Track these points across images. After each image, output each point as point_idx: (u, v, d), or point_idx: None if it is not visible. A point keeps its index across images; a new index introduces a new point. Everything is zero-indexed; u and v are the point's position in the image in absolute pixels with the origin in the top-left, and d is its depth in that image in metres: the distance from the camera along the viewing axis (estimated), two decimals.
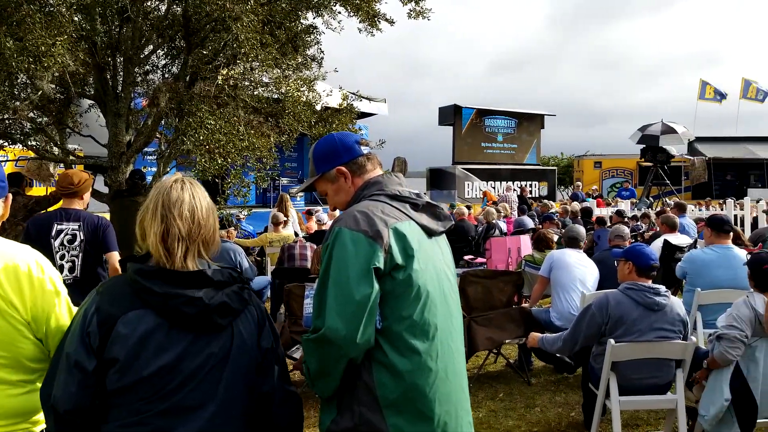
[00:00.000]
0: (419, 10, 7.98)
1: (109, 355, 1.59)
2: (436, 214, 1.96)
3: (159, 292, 1.61)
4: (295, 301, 4.91)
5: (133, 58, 6.94)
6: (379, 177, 1.97)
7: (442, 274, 1.92)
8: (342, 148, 2.00)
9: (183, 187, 1.74)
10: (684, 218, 9.31)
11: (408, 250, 1.78)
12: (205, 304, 1.64)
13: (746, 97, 28.75)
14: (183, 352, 1.63)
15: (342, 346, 1.70)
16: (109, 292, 1.67)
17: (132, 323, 1.59)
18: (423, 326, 1.79)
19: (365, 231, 1.74)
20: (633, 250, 3.83)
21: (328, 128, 8.09)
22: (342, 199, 2.01)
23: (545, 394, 5.04)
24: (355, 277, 1.70)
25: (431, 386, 1.79)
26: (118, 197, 6.86)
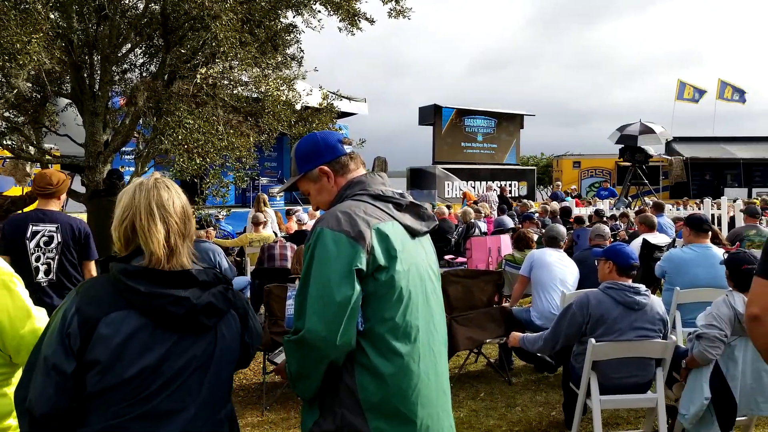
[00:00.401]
0: (399, 9, 7.96)
1: (90, 356, 1.55)
2: (420, 214, 1.95)
3: (144, 291, 1.59)
4: (276, 302, 4.87)
5: (110, 57, 6.83)
6: (362, 176, 1.96)
7: (425, 274, 1.90)
8: (324, 147, 1.97)
9: (168, 185, 1.75)
10: (662, 218, 9.41)
11: (391, 251, 1.77)
12: (193, 304, 1.62)
13: (722, 97, 29.23)
14: (166, 353, 1.61)
15: (322, 348, 1.69)
16: (89, 292, 1.63)
17: (115, 324, 1.56)
18: (405, 328, 1.78)
19: (347, 231, 1.72)
20: (613, 249, 3.85)
21: (308, 128, 8.04)
22: (325, 198, 1.99)
23: (526, 394, 5.05)
24: (336, 278, 1.69)
25: (413, 389, 1.78)
26: (95, 197, 6.75)
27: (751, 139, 29.07)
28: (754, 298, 2.27)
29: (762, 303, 2.23)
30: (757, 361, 3.52)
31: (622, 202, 17.13)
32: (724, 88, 28.99)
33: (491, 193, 17.58)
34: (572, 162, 29.49)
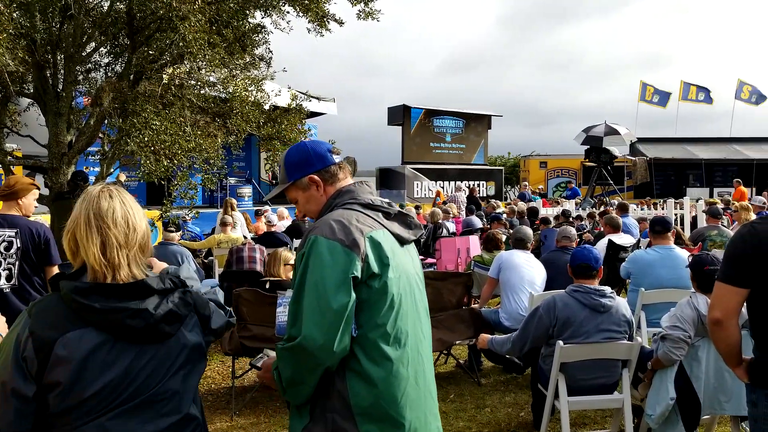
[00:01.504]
0: (368, 11, 7.95)
1: (49, 378, 1.51)
2: (407, 222, 2.00)
3: (99, 308, 1.55)
4: (245, 306, 4.83)
5: (74, 56, 6.69)
6: (351, 186, 1.99)
7: (413, 281, 1.95)
8: (315, 156, 2.00)
9: (111, 195, 1.70)
10: (627, 218, 9.60)
11: (383, 259, 1.81)
12: (152, 314, 1.59)
13: (686, 98, 29.91)
14: (129, 366, 1.58)
15: (318, 355, 1.71)
16: (42, 314, 1.57)
17: (72, 344, 1.52)
18: (396, 334, 1.82)
19: (341, 240, 1.75)
20: (571, 253, 3.92)
21: (277, 128, 7.99)
22: (313, 207, 2.02)
23: (495, 395, 5.10)
24: (332, 286, 1.71)
25: (403, 393, 1.82)
26: (59, 199, 6.60)
27: (712, 140, 29.80)
28: (716, 303, 2.34)
29: (723, 307, 2.31)
30: (720, 361, 3.60)
31: (588, 202, 17.41)
32: (688, 89, 29.66)
33: (460, 194, 17.71)
34: (539, 162, 29.85)
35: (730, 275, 2.29)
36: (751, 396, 2.33)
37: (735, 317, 2.29)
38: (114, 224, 1.64)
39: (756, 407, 2.28)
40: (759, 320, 2.29)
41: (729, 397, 3.60)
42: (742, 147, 28.56)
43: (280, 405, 4.81)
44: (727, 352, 2.38)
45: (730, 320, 2.28)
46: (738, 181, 18.93)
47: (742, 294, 2.27)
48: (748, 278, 2.24)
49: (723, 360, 2.46)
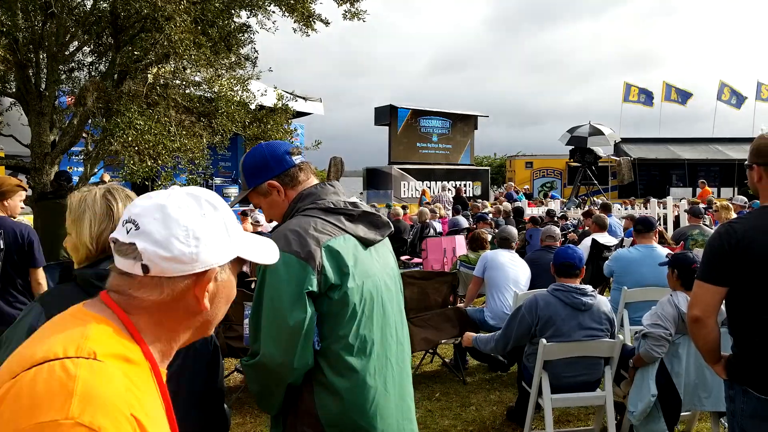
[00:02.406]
0: (354, 12, 7.98)
1: None
2: (374, 222, 1.90)
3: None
4: (231, 307, 4.82)
5: (57, 56, 6.64)
6: (312, 188, 1.90)
7: (381, 285, 1.87)
8: (272, 160, 1.90)
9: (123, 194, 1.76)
10: (611, 218, 9.68)
11: (343, 268, 1.74)
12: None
13: (668, 99, 30.22)
14: None
15: (279, 372, 1.69)
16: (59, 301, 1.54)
17: None
18: (360, 344, 1.77)
19: (297, 252, 1.69)
20: (555, 252, 3.96)
21: (262, 128, 7.98)
22: (276, 212, 1.95)
23: (480, 393, 5.13)
24: (288, 302, 1.66)
25: (371, 402, 1.78)
26: (42, 199, 6.55)
27: (694, 140, 30.12)
28: (695, 301, 2.37)
29: (702, 305, 2.34)
30: (700, 358, 3.65)
31: (573, 202, 17.53)
32: (669, 90, 29.99)
33: (446, 193, 17.75)
34: (524, 162, 30.03)
35: (709, 274, 2.31)
36: (729, 392, 2.36)
37: (714, 315, 2.31)
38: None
39: (734, 402, 2.32)
40: (737, 318, 2.33)
41: (709, 393, 3.66)
42: (724, 147, 28.90)
43: None
44: (706, 350, 2.41)
45: (709, 318, 2.31)
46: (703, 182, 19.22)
47: (720, 292, 2.30)
48: (727, 276, 2.27)
49: (702, 357, 2.50)
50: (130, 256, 0.97)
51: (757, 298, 2.23)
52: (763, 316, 2.22)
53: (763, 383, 2.20)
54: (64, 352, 0.87)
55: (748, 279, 2.24)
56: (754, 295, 2.24)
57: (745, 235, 2.25)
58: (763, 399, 2.19)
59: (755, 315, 2.24)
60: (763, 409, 2.20)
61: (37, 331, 1.02)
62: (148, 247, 0.96)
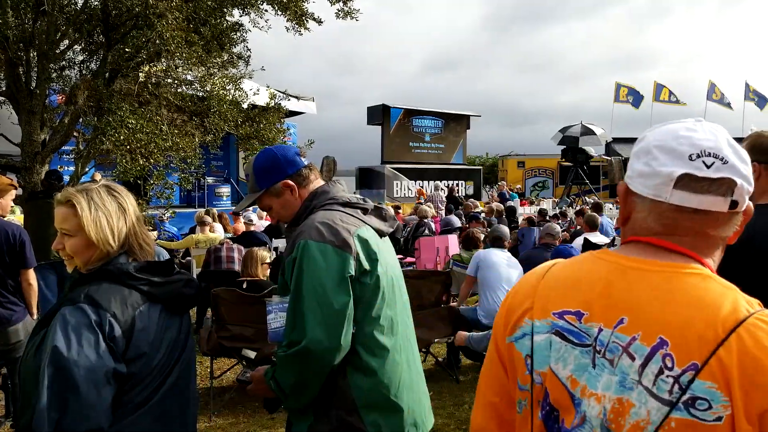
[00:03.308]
0: (347, 11, 7.98)
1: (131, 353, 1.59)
2: (383, 216, 2.05)
3: (160, 281, 1.68)
4: (224, 306, 4.81)
5: (48, 54, 6.60)
6: (325, 186, 2.01)
7: (396, 270, 2.02)
8: (284, 161, 2.00)
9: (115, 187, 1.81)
10: (602, 217, 9.72)
11: (372, 255, 1.85)
12: (198, 284, 1.81)
13: (659, 100, 30.39)
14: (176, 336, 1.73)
15: (326, 356, 1.74)
16: (107, 296, 1.61)
17: (145, 317, 1.63)
18: (389, 324, 1.89)
19: (332, 241, 1.78)
20: (554, 251, 3.97)
21: (255, 127, 7.97)
22: (288, 212, 2.01)
23: (473, 391, 5.09)
24: (331, 287, 1.74)
25: (399, 378, 1.89)
26: (33, 199, 6.50)
27: None
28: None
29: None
30: None
31: (564, 201, 17.60)
32: (660, 90, 30.15)
33: (439, 193, 17.78)
34: (517, 162, 30.11)
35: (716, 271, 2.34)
36: None
37: None
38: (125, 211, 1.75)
39: None
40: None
41: None
42: None
43: (258, 405, 4.80)
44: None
45: None
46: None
47: None
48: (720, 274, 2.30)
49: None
50: (718, 192, 0.95)
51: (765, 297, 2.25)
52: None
53: None
54: (747, 309, 0.91)
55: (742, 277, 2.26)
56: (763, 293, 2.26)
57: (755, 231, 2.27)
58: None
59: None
60: None
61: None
62: (743, 183, 0.95)
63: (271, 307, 1.97)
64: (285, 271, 1.85)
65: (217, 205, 17.16)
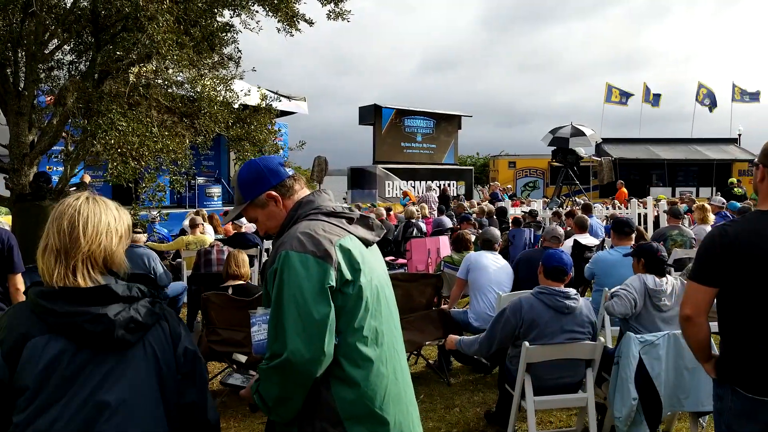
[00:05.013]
0: (338, 12, 7.95)
1: (18, 384, 1.53)
2: (370, 225, 2.03)
3: (60, 312, 1.57)
4: (214, 310, 4.80)
5: (36, 55, 6.54)
6: (310, 196, 2.00)
7: (382, 279, 1.99)
8: (268, 172, 2.00)
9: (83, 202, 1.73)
10: (592, 218, 9.77)
11: (354, 265, 1.83)
12: (111, 320, 1.59)
13: (647, 101, 30.59)
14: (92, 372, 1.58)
15: (307, 368, 1.72)
16: (10, 320, 1.60)
17: (38, 349, 1.54)
18: (373, 335, 1.86)
19: (313, 252, 1.77)
20: (546, 254, 3.98)
21: (246, 129, 7.93)
22: (274, 223, 2.01)
23: (464, 394, 5.16)
24: (311, 298, 1.72)
25: (385, 390, 1.87)
26: (21, 201, 6.46)
27: (674, 140, 30.50)
28: (687, 300, 2.44)
29: (693, 305, 2.40)
30: (679, 359, 3.73)
31: (555, 202, 17.65)
32: (649, 93, 30.35)
33: (431, 193, 17.80)
34: (508, 162, 30.19)
35: (700, 274, 2.38)
36: (717, 390, 2.41)
37: (704, 314, 2.38)
38: (58, 231, 1.66)
39: (721, 401, 2.37)
40: (726, 318, 2.38)
41: (687, 394, 3.72)
42: (703, 147, 29.29)
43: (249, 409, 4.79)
44: (697, 348, 2.48)
45: (700, 317, 2.38)
46: (621, 182, 19.65)
47: (710, 292, 2.36)
48: (717, 277, 2.33)
49: (693, 354, 2.54)
50: None
51: (747, 300, 2.28)
52: (751, 318, 2.27)
53: (751, 382, 2.25)
54: None
55: (739, 281, 2.29)
56: (744, 297, 2.29)
57: (737, 237, 2.30)
58: (750, 398, 2.24)
59: (744, 316, 2.29)
60: (751, 408, 2.25)
61: None
62: None
63: (254, 319, 1.96)
64: (267, 281, 1.85)
65: (208, 205, 17.09)
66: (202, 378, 1.79)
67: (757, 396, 2.23)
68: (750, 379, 2.26)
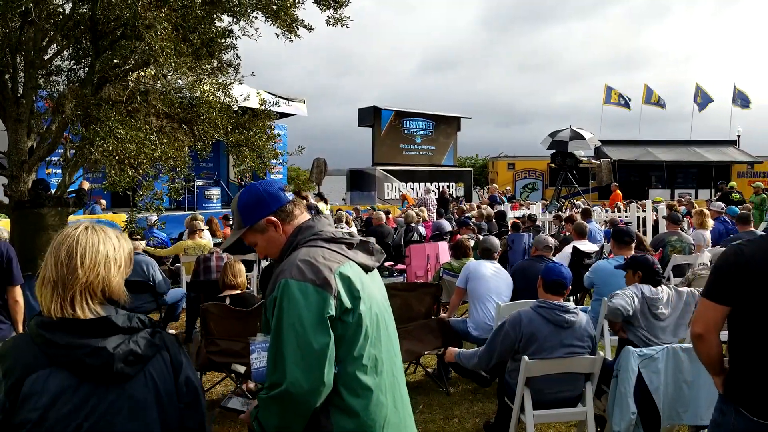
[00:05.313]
0: (338, 17, 7.94)
1: (18, 419, 1.51)
2: (369, 250, 2.02)
3: (61, 343, 1.56)
4: (212, 321, 4.79)
5: (35, 62, 6.53)
6: (310, 221, 1.99)
7: (381, 306, 1.97)
8: (268, 197, 1.99)
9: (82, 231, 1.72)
10: (591, 223, 9.78)
11: (354, 293, 1.82)
12: (110, 353, 1.58)
13: (648, 102, 30.59)
14: (94, 406, 1.57)
15: (306, 399, 1.72)
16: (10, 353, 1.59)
17: (39, 384, 1.53)
18: (373, 363, 1.85)
19: (312, 280, 1.76)
20: (545, 267, 3.98)
21: (245, 135, 7.91)
22: (274, 249, 2.01)
23: (463, 404, 5.15)
24: (311, 327, 1.72)
25: (384, 419, 1.86)
26: (19, 208, 6.44)
27: (673, 142, 30.50)
28: (698, 318, 2.44)
29: (704, 322, 2.41)
30: (678, 372, 3.73)
31: (554, 205, 17.66)
32: (650, 93, 30.35)
33: (430, 196, 17.78)
34: (507, 164, 30.18)
35: (713, 292, 2.39)
36: (721, 405, 2.42)
37: (716, 332, 2.39)
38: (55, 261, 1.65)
39: (723, 416, 2.38)
40: (736, 338, 2.38)
41: (686, 408, 3.72)
42: (702, 149, 29.29)
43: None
44: (708, 363, 2.48)
45: (711, 334, 2.39)
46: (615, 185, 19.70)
47: (722, 311, 2.36)
48: (730, 296, 2.33)
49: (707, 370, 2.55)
50: None
51: (759, 322, 2.28)
52: (762, 340, 2.26)
53: (757, 405, 2.25)
54: None
55: (751, 301, 2.29)
56: (756, 318, 2.29)
57: (753, 257, 2.30)
58: (755, 421, 2.24)
59: (755, 337, 2.29)
60: (753, 430, 2.25)
61: None
62: None
63: (254, 346, 1.95)
64: (267, 309, 1.84)
65: (207, 207, 17.10)
66: (202, 407, 1.78)
67: (761, 420, 2.23)
68: (755, 402, 2.26)
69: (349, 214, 15.16)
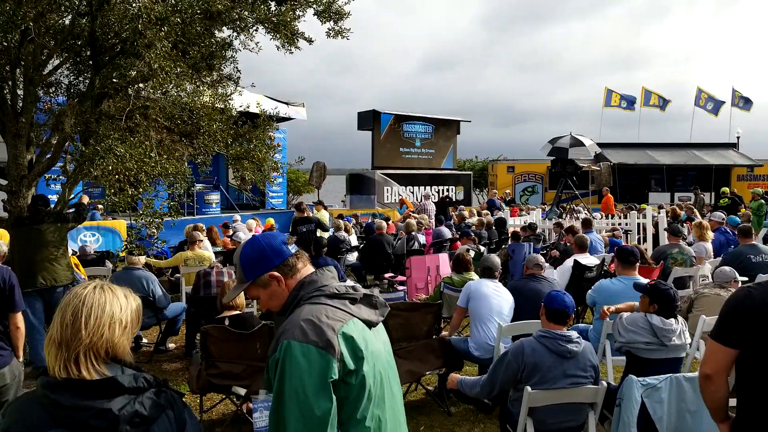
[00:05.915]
0: (338, 30, 7.92)
1: None
2: (373, 303, 1.98)
3: (66, 405, 1.55)
4: (213, 344, 4.77)
5: (34, 79, 6.50)
6: (313, 275, 1.96)
7: (384, 362, 1.94)
8: (271, 251, 1.96)
9: (90, 291, 1.72)
10: (591, 234, 9.75)
11: (357, 353, 1.79)
12: (115, 415, 1.58)
13: (648, 104, 30.60)
14: None
15: None
16: (16, 414, 1.58)
17: None
18: (375, 424, 1.84)
19: (315, 342, 1.73)
20: (548, 296, 3.95)
21: (245, 147, 7.89)
22: (276, 303, 1.98)
23: (465, 425, 5.13)
24: (313, 392, 1.69)
25: None
26: (19, 224, 6.42)
27: (673, 145, 30.50)
28: (707, 359, 2.43)
29: (713, 364, 2.39)
30: (681, 402, 3.71)
31: (554, 212, 17.65)
32: (649, 96, 30.35)
33: (428, 202, 17.76)
34: (506, 166, 30.18)
35: (722, 334, 2.37)
36: None
37: (724, 375, 2.38)
38: (61, 322, 1.66)
39: None
40: (744, 382, 2.36)
41: None
42: (702, 153, 29.30)
43: None
44: (713, 407, 2.47)
45: (719, 377, 2.38)
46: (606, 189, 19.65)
47: (731, 354, 2.35)
48: (738, 339, 2.32)
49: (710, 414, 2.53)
50: None
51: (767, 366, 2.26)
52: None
53: None
54: None
55: (760, 344, 2.27)
56: (765, 362, 2.27)
57: (762, 300, 2.29)
58: None
59: (763, 382, 2.27)
60: None
61: None
62: None
63: (257, 405, 1.94)
64: (269, 368, 1.82)
65: (206, 212, 17.07)
66: None
67: None
68: None
69: (349, 220, 15.16)
